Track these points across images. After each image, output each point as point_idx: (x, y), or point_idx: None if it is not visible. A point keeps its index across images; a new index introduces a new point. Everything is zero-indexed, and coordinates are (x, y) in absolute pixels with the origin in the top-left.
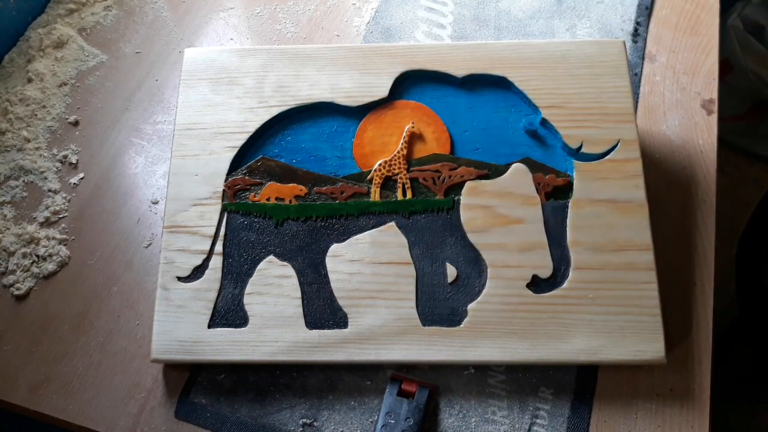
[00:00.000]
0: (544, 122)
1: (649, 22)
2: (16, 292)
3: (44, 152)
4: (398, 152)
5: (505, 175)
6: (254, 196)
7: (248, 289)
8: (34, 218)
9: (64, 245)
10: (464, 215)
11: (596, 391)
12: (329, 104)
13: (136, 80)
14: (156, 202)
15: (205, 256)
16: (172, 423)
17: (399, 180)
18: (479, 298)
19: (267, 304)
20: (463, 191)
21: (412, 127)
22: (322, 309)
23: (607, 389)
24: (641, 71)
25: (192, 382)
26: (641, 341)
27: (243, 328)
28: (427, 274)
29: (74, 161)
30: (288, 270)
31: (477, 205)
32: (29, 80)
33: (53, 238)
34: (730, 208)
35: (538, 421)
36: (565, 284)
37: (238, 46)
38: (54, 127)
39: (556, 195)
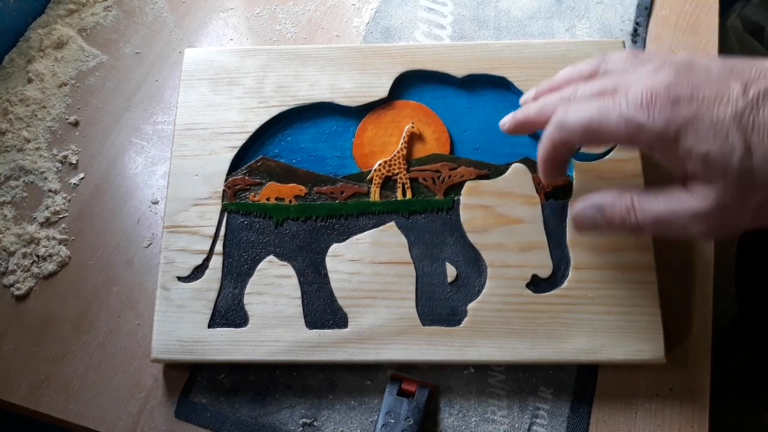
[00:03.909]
0: None
1: (649, 22)
2: (17, 292)
3: (44, 152)
4: (398, 152)
5: (504, 175)
6: (254, 196)
7: (248, 288)
8: (34, 218)
9: (65, 245)
10: (464, 215)
11: (596, 391)
12: (329, 104)
13: (136, 80)
14: (156, 202)
15: (205, 256)
16: (172, 423)
17: (399, 180)
18: (479, 297)
19: (267, 304)
20: (463, 191)
21: (412, 127)
22: (322, 309)
23: (606, 389)
24: None
25: (192, 381)
26: (641, 341)
27: (243, 328)
28: (427, 273)
29: (74, 161)
30: (288, 270)
31: (477, 204)
32: (29, 80)
33: (53, 238)
34: None
35: (537, 420)
36: (565, 284)
37: (238, 46)
38: (54, 127)
39: (555, 195)
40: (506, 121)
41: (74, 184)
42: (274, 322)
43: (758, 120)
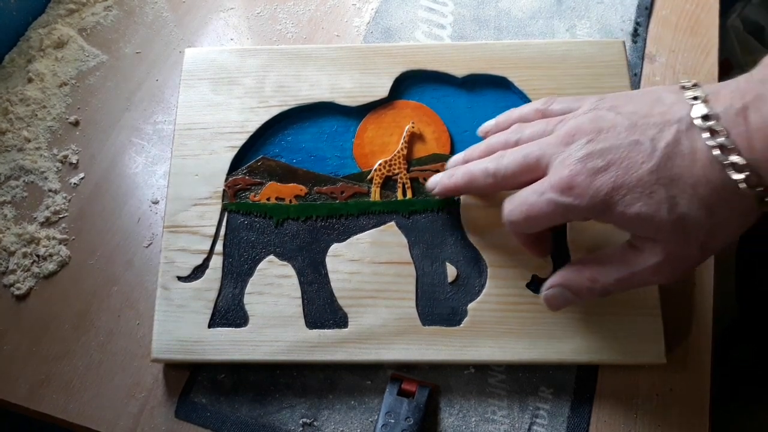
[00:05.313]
0: None
1: (649, 23)
2: (17, 292)
3: (44, 152)
4: (398, 152)
5: None
6: (254, 196)
7: (248, 288)
8: (35, 218)
9: (65, 245)
10: (464, 215)
11: (596, 391)
12: (329, 104)
13: (136, 80)
14: (156, 202)
15: (205, 255)
16: (173, 422)
17: (399, 180)
18: (479, 297)
19: (267, 304)
20: None
21: (412, 126)
22: (322, 309)
23: (607, 389)
24: (641, 71)
25: (192, 381)
26: (641, 341)
27: (243, 328)
28: (427, 273)
29: (74, 161)
30: (288, 270)
31: (477, 204)
32: (29, 80)
33: (53, 238)
34: None
35: (538, 420)
36: None
37: (239, 46)
38: (54, 127)
39: None
40: (434, 185)
41: (74, 183)
42: (274, 322)
43: (674, 173)
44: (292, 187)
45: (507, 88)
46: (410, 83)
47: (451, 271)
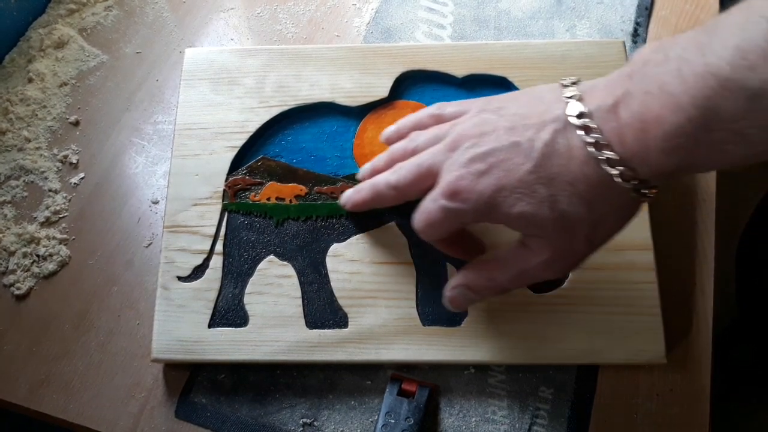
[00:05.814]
0: None
1: (649, 23)
2: (17, 292)
3: (45, 152)
4: None
5: None
6: (254, 196)
7: (248, 288)
8: (35, 218)
9: (65, 245)
10: None
11: (596, 391)
12: (329, 104)
13: (136, 80)
14: (156, 202)
15: (205, 255)
16: (173, 422)
17: None
18: None
19: (267, 304)
20: None
21: None
22: (322, 309)
23: (607, 389)
24: None
25: (192, 381)
26: (641, 341)
27: (243, 328)
28: (427, 273)
29: (75, 161)
30: (288, 270)
31: None
32: (30, 80)
33: (54, 238)
34: (730, 208)
35: (538, 420)
36: (565, 284)
37: (239, 46)
38: (54, 127)
39: None
40: (345, 201)
41: (74, 183)
42: (274, 322)
43: (552, 171)
44: (292, 187)
45: (507, 88)
46: (410, 83)
47: (451, 271)
